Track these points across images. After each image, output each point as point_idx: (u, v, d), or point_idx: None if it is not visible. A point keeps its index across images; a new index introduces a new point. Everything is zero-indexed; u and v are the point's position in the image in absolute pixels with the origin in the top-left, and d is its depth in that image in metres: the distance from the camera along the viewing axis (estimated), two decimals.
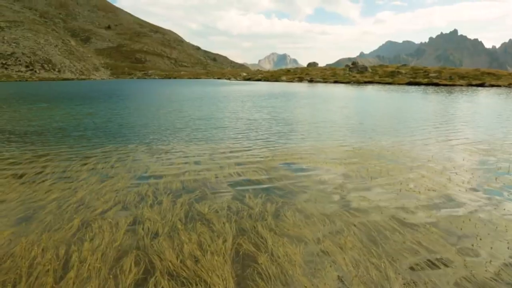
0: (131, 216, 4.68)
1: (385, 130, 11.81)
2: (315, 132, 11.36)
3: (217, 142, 9.68)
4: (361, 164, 7.40)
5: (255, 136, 10.67)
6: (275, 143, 9.53)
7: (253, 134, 11.03)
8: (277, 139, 10.09)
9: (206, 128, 12.35)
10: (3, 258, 3.62)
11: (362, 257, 3.63)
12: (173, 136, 10.74)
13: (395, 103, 22.54)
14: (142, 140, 10.01)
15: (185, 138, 10.40)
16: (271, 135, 10.74)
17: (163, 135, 10.92)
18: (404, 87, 44.07)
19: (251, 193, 5.56)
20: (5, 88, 54.26)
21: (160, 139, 10.17)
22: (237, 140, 9.95)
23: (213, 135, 10.80)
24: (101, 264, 3.50)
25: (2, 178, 6.40)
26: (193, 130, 11.94)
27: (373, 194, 5.55)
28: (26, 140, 10.02)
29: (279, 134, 11.01)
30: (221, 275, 3.31)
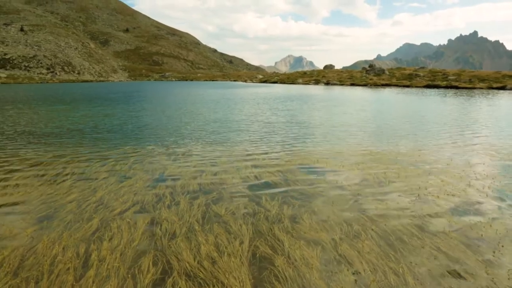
0: (149, 216, 4.74)
1: (403, 133, 11.66)
2: (332, 135, 11.29)
3: (233, 145, 9.71)
4: (378, 167, 7.32)
5: (271, 138, 10.67)
6: (291, 146, 9.51)
7: (269, 136, 11.04)
8: (293, 142, 10.07)
9: (223, 130, 12.41)
10: (26, 255, 3.71)
11: (379, 262, 3.59)
12: (189, 138, 10.83)
13: (413, 106, 22.22)
14: (160, 142, 10.12)
15: (201, 140, 10.47)
16: (287, 138, 10.72)
17: (180, 137, 11.02)
18: (422, 90, 43.45)
19: (268, 196, 5.56)
20: (27, 90, 55.58)
21: (177, 141, 10.26)
22: (254, 143, 9.97)
23: (230, 138, 10.84)
24: (119, 264, 3.55)
25: (25, 178, 6.56)
26: (210, 132, 12.01)
27: (390, 198, 5.48)
28: (47, 141, 10.24)
29: (296, 137, 10.99)
30: (238, 277, 3.32)
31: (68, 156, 8.33)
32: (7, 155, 8.42)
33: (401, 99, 29.28)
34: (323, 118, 16.10)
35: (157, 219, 4.63)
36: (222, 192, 5.74)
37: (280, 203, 5.23)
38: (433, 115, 17.21)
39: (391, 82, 58.40)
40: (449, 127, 13.07)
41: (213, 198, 5.45)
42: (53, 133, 11.74)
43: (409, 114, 17.66)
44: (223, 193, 5.70)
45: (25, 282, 3.24)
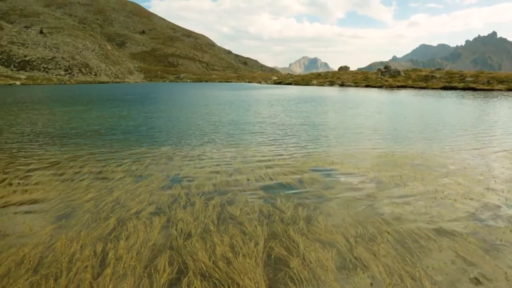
0: (165, 216, 4.78)
1: (419, 136, 11.51)
2: (347, 137, 11.22)
3: (248, 146, 9.73)
4: (394, 170, 7.24)
5: (285, 140, 10.65)
6: (306, 148, 9.48)
7: (283, 138, 11.02)
8: (308, 144, 10.03)
9: (237, 132, 12.44)
10: (45, 253, 3.78)
11: (396, 265, 3.55)
12: (204, 139, 10.89)
13: (430, 108, 21.91)
14: (175, 143, 10.20)
15: (216, 141, 10.51)
16: (302, 140, 10.69)
17: (194, 138, 11.09)
18: (438, 92, 42.81)
19: (283, 197, 5.55)
20: (45, 90, 56.69)
21: (192, 142, 10.33)
22: (268, 145, 9.97)
23: (244, 139, 10.86)
24: (136, 263, 3.59)
25: (44, 177, 6.70)
26: (224, 134, 12.06)
27: (406, 201, 5.41)
28: (64, 141, 10.42)
29: (310, 139, 10.95)
30: (253, 278, 3.32)
31: (85, 156, 8.47)
32: (27, 155, 8.60)
33: (417, 101, 28.92)
34: (337, 120, 16.00)
35: (172, 219, 4.67)
36: (237, 193, 5.76)
37: (295, 205, 5.22)
38: (450, 118, 16.94)
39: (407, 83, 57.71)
40: (467, 130, 12.85)
41: (228, 199, 5.47)
42: (70, 134, 11.95)
43: (425, 116, 17.42)
44: (238, 194, 5.71)
45: (45, 279, 3.31)
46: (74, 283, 3.24)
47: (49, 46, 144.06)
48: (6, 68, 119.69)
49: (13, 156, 8.45)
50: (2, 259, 3.65)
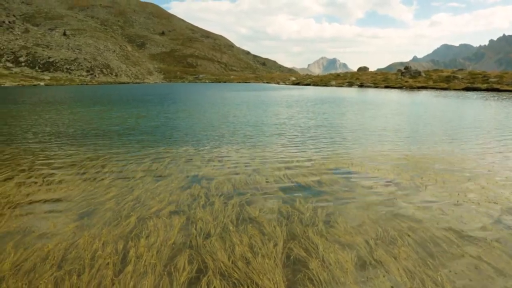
0: (184, 215, 4.83)
1: (440, 138, 11.28)
2: (366, 139, 11.09)
3: (267, 147, 9.73)
4: (414, 172, 7.13)
5: (304, 141, 10.61)
6: (325, 149, 9.42)
7: (302, 140, 10.98)
8: (327, 145, 9.96)
9: (256, 133, 12.46)
10: (69, 249, 3.87)
11: (417, 269, 3.49)
12: (223, 140, 10.94)
13: (451, 110, 21.45)
14: (194, 143, 10.29)
15: (235, 142, 10.55)
16: (321, 141, 10.63)
17: (214, 138, 11.15)
18: (460, 93, 41.89)
19: (302, 198, 5.53)
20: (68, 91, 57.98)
21: (211, 143, 10.39)
22: (287, 146, 9.95)
23: (263, 140, 10.86)
24: (156, 261, 3.63)
25: (67, 176, 6.84)
26: (243, 134, 12.10)
27: (428, 204, 5.32)
28: (86, 141, 10.63)
29: (329, 140, 10.87)
30: (272, 279, 3.32)
31: (106, 155, 8.62)
32: (50, 154, 8.81)
33: (438, 102, 28.37)
34: (357, 122, 15.83)
35: (192, 219, 4.71)
36: (256, 194, 5.77)
37: (314, 206, 5.19)
38: (472, 119, 16.54)
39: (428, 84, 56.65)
40: (490, 132, 12.52)
41: (247, 199, 5.48)
42: (91, 134, 12.18)
43: (447, 118, 17.05)
44: (257, 195, 5.72)
45: (68, 274, 3.39)
46: (96, 280, 3.31)
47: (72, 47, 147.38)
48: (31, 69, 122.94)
49: (37, 155, 8.67)
50: (28, 255, 3.75)
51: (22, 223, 4.62)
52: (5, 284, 3.25)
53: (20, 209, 5.12)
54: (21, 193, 5.81)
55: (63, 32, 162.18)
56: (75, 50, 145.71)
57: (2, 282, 3.28)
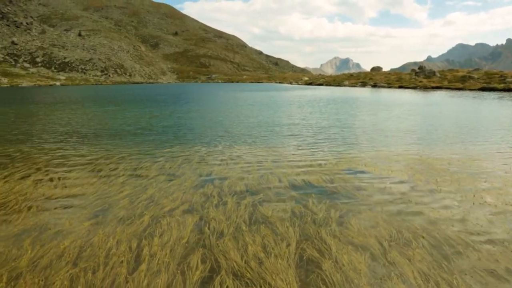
0: (197, 215, 4.85)
1: (455, 139, 11.09)
2: (380, 139, 10.99)
3: (279, 147, 9.71)
4: (429, 173, 7.03)
5: (317, 142, 10.56)
6: (338, 150, 9.36)
7: (315, 140, 10.93)
8: (340, 146, 9.90)
9: (268, 133, 12.45)
10: (84, 247, 3.92)
11: (432, 271, 3.44)
12: (236, 140, 10.96)
13: (467, 110, 21.08)
14: (207, 143, 10.33)
15: (247, 142, 10.56)
16: (334, 142, 10.56)
17: (226, 138, 11.18)
18: (476, 93, 41.12)
19: (315, 199, 5.51)
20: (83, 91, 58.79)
21: (224, 143, 10.42)
22: (300, 146, 9.92)
23: (275, 141, 10.85)
24: (169, 259, 3.66)
25: (82, 174, 6.95)
26: (256, 134, 12.10)
27: (443, 206, 5.24)
28: (100, 140, 10.78)
29: (342, 140, 10.80)
30: (285, 279, 3.31)
31: (120, 154, 8.72)
32: (66, 153, 8.95)
33: (453, 102, 27.93)
34: (370, 122, 15.70)
35: (205, 218, 4.73)
36: (269, 194, 5.76)
37: (327, 207, 5.16)
38: (488, 120, 16.25)
39: (442, 84, 55.76)
40: (508, 133, 12.27)
41: (260, 199, 5.48)
42: (105, 133, 12.34)
43: (462, 119, 16.77)
44: (270, 195, 5.72)
45: (83, 272, 3.43)
46: (110, 277, 3.34)
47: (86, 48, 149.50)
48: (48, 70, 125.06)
49: (53, 154, 8.81)
50: (45, 251, 3.82)
51: (38, 220, 4.70)
52: (23, 280, 3.31)
53: (36, 207, 5.21)
54: (38, 191, 5.91)
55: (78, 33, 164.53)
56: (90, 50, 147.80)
57: (20, 278, 3.34)
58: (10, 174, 6.97)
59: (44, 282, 3.27)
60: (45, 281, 3.28)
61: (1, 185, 6.26)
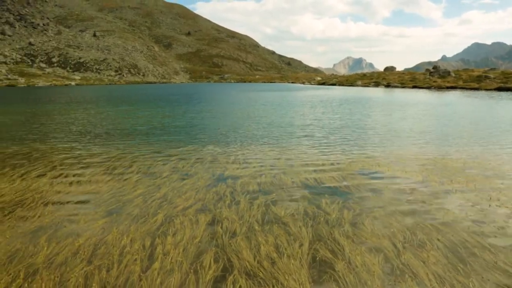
0: (210, 214, 4.86)
1: (470, 139, 10.91)
2: (393, 140, 10.87)
3: (292, 148, 9.68)
4: (444, 174, 6.93)
5: (330, 142, 10.50)
6: (351, 150, 9.29)
7: (328, 140, 10.88)
8: (353, 146, 9.82)
9: (281, 133, 12.43)
10: (98, 245, 3.97)
11: (447, 274, 3.39)
12: (248, 140, 10.97)
13: (483, 110, 20.70)
14: (220, 143, 10.36)
15: (260, 142, 10.56)
16: (347, 142, 10.49)
17: (239, 138, 11.20)
18: (492, 93, 40.38)
19: (328, 199, 5.48)
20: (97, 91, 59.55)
21: (237, 142, 10.44)
22: (313, 146, 9.87)
23: (288, 141, 10.83)
24: (182, 258, 3.67)
25: (96, 173, 7.04)
26: (268, 134, 12.10)
27: (458, 208, 5.15)
28: (114, 140, 10.91)
29: (355, 141, 10.72)
30: (298, 279, 3.30)
31: (133, 153, 8.81)
32: (81, 152, 9.08)
33: (468, 102, 27.49)
34: (383, 122, 15.54)
35: (218, 217, 4.74)
36: (282, 194, 5.75)
37: (340, 207, 5.13)
38: (505, 120, 15.93)
39: (457, 84, 54.87)
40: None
41: (273, 199, 5.47)
42: (119, 132, 12.48)
43: (478, 119, 16.47)
44: (283, 195, 5.70)
45: (98, 269, 3.47)
46: (124, 275, 3.38)
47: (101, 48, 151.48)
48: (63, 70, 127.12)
49: (68, 153, 8.95)
50: (60, 248, 3.87)
51: (54, 218, 4.77)
52: (39, 276, 3.36)
53: (52, 204, 5.29)
54: (53, 189, 6.01)
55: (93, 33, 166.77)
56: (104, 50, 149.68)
57: (36, 274, 3.40)
58: (26, 172, 7.10)
59: (60, 278, 3.32)
60: (61, 278, 3.33)
61: (19, 182, 6.39)
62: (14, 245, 3.97)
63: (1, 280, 3.28)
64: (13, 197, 5.60)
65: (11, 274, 3.39)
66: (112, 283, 3.26)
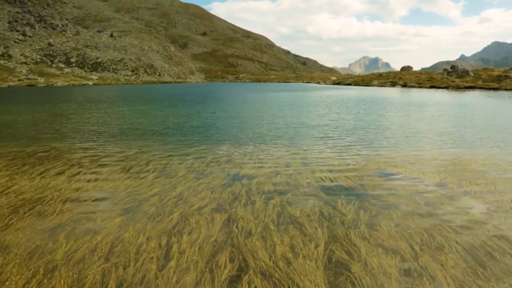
0: (226, 213, 4.88)
1: (490, 140, 10.67)
2: (410, 141, 10.70)
3: (307, 148, 9.62)
4: (463, 175, 6.79)
5: (346, 143, 10.41)
6: (367, 151, 9.19)
7: (344, 140, 10.79)
8: (369, 147, 9.72)
9: (296, 133, 12.39)
10: (115, 242, 4.02)
11: (466, 278, 3.32)
12: (263, 139, 10.96)
13: (503, 111, 20.26)
14: (235, 142, 10.38)
15: (275, 142, 10.54)
16: (363, 143, 10.39)
17: (254, 138, 11.20)
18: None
19: (344, 200, 5.43)
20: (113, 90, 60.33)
21: (252, 142, 10.43)
22: (328, 146, 9.80)
23: (303, 141, 10.78)
24: (198, 257, 3.69)
25: (113, 171, 7.13)
26: (283, 135, 12.07)
27: (477, 210, 5.05)
28: (130, 139, 11.03)
29: (372, 141, 10.60)
30: (313, 280, 3.28)
31: (149, 153, 8.90)
32: (98, 151, 9.21)
33: (488, 102, 26.91)
34: (399, 123, 15.33)
35: (233, 217, 4.75)
36: (297, 194, 5.73)
37: (356, 208, 5.08)
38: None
39: (476, 84, 53.73)
40: None
41: (288, 199, 5.46)
42: (135, 132, 12.62)
43: (498, 120, 16.11)
44: (298, 195, 5.68)
45: (115, 267, 3.51)
46: (141, 273, 3.41)
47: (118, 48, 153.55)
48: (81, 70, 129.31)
49: (86, 152, 9.09)
50: (78, 246, 3.94)
51: (72, 215, 4.86)
52: (58, 272, 3.42)
53: (70, 202, 5.39)
54: (71, 187, 6.11)
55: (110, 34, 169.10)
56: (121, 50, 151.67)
57: (55, 270, 3.46)
58: (46, 170, 7.24)
59: (78, 275, 3.37)
60: (79, 275, 3.38)
61: (38, 180, 6.51)
62: (34, 241, 4.06)
63: (22, 276, 3.35)
64: (32, 195, 5.72)
65: (31, 269, 3.47)
66: (128, 280, 3.30)
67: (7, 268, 3.50)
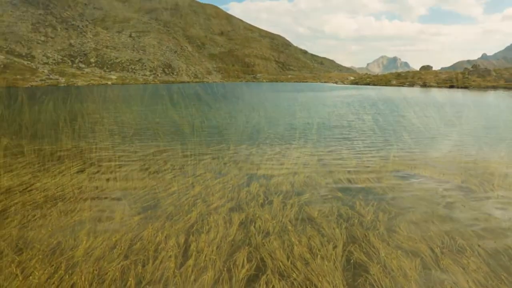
0: (243, 213, 4.88)
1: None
2: (429, 141, 10.53)
3: (325, 148, 9.56)
4: (485, 177, 6.63)
5: (365, 143, 10.30)
6: (386, 151, 9.07)
7: (363, 141, 10.68)
8: (388, 148, 9.59)
9: (315, 133, 12.30)
10: (134, 240, 4.07)
11: (489, 282, 3.25)
12: (281, 140, 10.92)
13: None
14: (253, 142, 10.36)
15: (293, 142, 10.50)
16: (381, 143, 10.25)
17: (272, 138, 11.14)
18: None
19: (362, 201, 5.37)
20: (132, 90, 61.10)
21: (269, 142, 10.40)
22: (347, 147, 9.71)
23: (321, 141, 10.71)
24: (216, 256, 3.71)
25: (132, 170, 7.21)
26: (301, 135, 12.00)
27: (500, 213, 4.93)
28: (148, 138, 11.14)
29: (390, 142, 10.45)
30: (332, 282, 3.25)
31: (167, 152, 8.97)
32: (117, 149, 9.34)
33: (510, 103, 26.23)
34: (419, 123, 15.07)
35: (251, 217, 4.76)
36: (315, 194, 5.70)
37: (375, 209, 5.02)
38: None
39: (498, 84, 52.36)
40: None
41: (306, 200, 5.43)
42: (153, 131, 12.74)
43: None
44: (316, 195, 5.65)
45: (134, 264, 3.56)
46: (159, 271, 3.44)
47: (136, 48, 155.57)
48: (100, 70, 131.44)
49: (105, 150, 9.23)
50: (98, 243, 4.00)
51: (92, 212, 4.94)
52: (79, 268, 3.49)
53: (90, 200, 5.48)
54: (92, 185, 6.21)
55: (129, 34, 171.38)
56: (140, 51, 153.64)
57: (76, 266, 3.53)
58: (67, 168, 7.37)
59: (98, 272, 3.43)
60: (99, 271, 3.44)
61: (60, 178, 6.64)
62: (56, 238, 4.14)
63: (45, 271, 3.43)
64: (54, 192, 5.83)
65: (53, 265, 3.54)
66: (147, 278, 3.34)
67: (31, 263, 3.58)
